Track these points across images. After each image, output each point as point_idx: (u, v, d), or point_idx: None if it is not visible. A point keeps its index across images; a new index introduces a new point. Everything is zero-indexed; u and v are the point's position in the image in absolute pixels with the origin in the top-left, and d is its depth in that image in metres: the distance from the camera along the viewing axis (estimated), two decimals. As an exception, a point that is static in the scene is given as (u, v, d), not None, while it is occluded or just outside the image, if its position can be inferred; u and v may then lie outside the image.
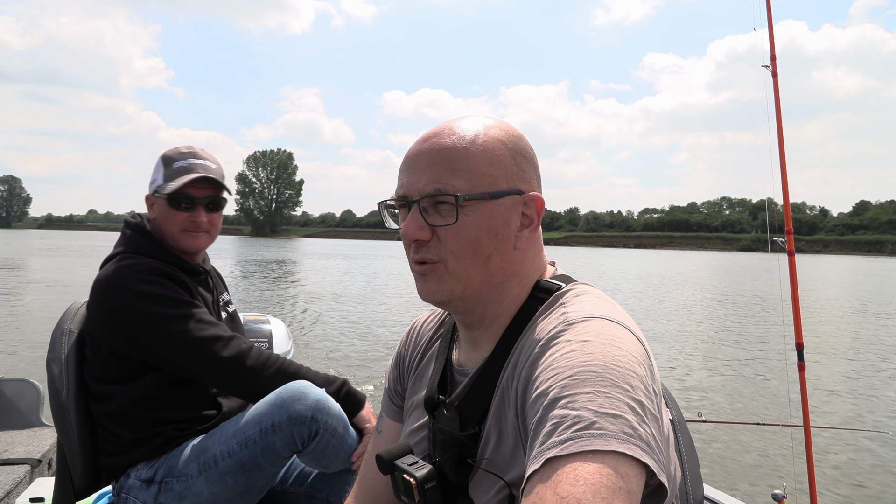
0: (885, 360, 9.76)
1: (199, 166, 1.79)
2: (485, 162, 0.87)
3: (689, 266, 44.02)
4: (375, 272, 28.07)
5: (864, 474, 4.93)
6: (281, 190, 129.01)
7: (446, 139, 0.88)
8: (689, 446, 1.22)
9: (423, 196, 0.87)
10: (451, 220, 0.86)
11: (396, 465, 0.88)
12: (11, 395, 3.21)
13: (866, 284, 28.97)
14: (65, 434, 1.67)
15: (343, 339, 10.27)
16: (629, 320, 0.81)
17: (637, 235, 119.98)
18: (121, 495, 1.67)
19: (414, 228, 0.87)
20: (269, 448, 1.59)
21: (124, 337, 1.63)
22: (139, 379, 1.67)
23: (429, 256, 0.88)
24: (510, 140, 0.91)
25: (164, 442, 1.67)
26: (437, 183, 0.86)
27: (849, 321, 14.64)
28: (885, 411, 6.85)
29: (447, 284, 0.89)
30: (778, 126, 3.32)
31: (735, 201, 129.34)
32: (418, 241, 0.88)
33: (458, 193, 0.85)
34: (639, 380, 0.70)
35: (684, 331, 12.39)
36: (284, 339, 2.97)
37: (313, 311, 13.79)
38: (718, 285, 25.48)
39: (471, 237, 0.87)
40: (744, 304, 18.11)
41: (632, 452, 0.62)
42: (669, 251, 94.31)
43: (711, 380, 8.14)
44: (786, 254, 3.28)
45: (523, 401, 0.78)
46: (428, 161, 0.87)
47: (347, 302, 15.59)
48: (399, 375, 1.13)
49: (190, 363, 1.64)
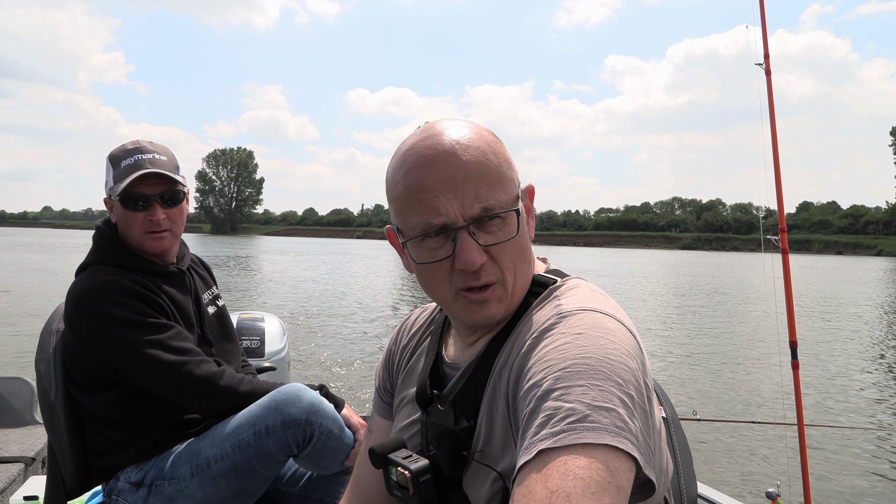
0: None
1: (147, 161, 1.68)
2: (506, 167, 0.87)
3: (615, 263, 44.15)
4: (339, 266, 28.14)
5: (857, 472, 4.96)
6: (241, 188, 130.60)
7: (463, 155, 0.83)
8: (683, 444, 1.22)
9: (470, 220, 0.82)
10: (509, 234, 0.84)
11: (390, 458, 0.88)
12: (5, 393, 3.20)
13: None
14: (54, 434, 1.66)
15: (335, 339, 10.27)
16: (622, 313, 0.82)
17: (587, 234, 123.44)
18: (111, 497, 1.66)
19: (477, 255, 0.82)
20: (262, 451, 1.58)
21: (91, 355, 1.62)
22: (112, 388, 1.65)
23: (491, 279, 0.85)
24: (498, 140, 0.91)
25: (152, 445, 1.66)
26: (481, 202, 0.82)
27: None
28: (883, 409, 6.89)
29: (504, 302, 0.87)
30: (772, 125, 3.33)
31: (686, 201, 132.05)
32: (480, 267, 0.83)
33: (506, 207, 0.84)
34: (631, 373, 0.70)
35: (676, 326, 12.43)
36: (278, 336, 2.96)
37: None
38: (705, 282, 25.59)
39: (524, 245, 0.88)
40: (736, 301, 18.18)
41: (623, 446, 0.62)
42: (615, 249, 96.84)
43: (706, 378, 8.17)
44: (780, 252, 3.29)
45: (515, 391, 0.78)
46: (458, 182, 0.82)
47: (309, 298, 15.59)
48: (389, 374, 1.13)
49: (157, 386, 1.62)
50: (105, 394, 1.64)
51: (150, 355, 1.57)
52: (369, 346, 9.64)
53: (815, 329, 12.64)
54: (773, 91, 3.34)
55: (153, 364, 1.58)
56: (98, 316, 1.57)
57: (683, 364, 9.02)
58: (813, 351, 10.05)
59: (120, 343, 1.57)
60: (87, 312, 1.58)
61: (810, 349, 10.13)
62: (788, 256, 3.32)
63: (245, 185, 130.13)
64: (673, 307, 16.55)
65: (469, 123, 0.90)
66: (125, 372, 1.61)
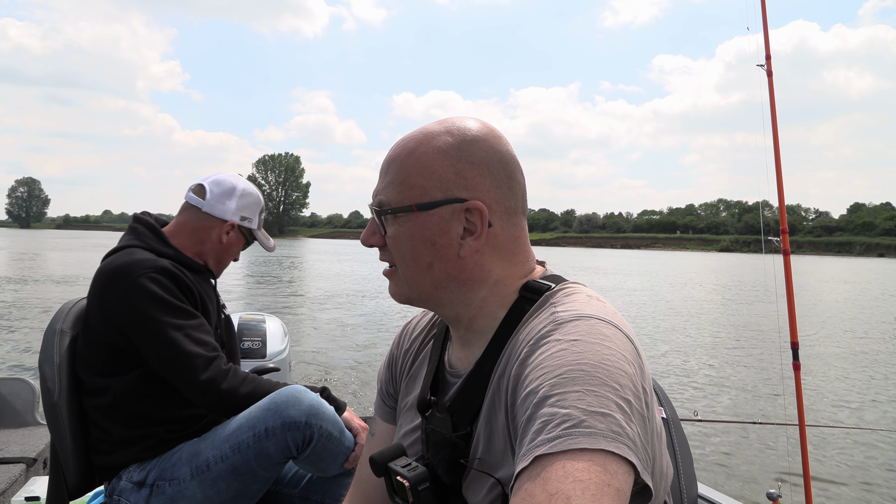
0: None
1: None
2: (416, 173, 0.89)
3: (650, 265, 44.08)
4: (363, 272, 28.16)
5: (859, 473, 4.95)
6: (288, 192, 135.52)
7: (393, 151, 0.92)
8: (684, 445, 1.22)
9: (373, 207, 0.93)
10: (390, 232, 0.91)
11: (390, 467, 0.88)
12: (7, 393, 3.21)
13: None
14: (57, 433, 1.67)
15: (340, 338, 10.28)
16: (619, 318, 0.81)
17: (624, 237, 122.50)
18: (113, 497, 1.66)
19: (367, 235, 0.94)
20: (262, 453, 1.58)
21: (115, 326, 1.64)
22: (132, 372, 1.67)
23: (387, 259, 0.95)
24: (455, 147, 0.89)
25: (156, 444, 1.67)
26: (381, 195, 0.92)
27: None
28: (882, 410, 6.88)
29: (401, 288, 0.94)
30: (773, 126, 3.33)
31: (732, 203, 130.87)
32: (374, 245, 0.94)
33: (391, 206, 0.90)
34: (628, 378, 0.70)
35: (678, 329, 12.42)
36: (280, 338, 2.97)
37: (308, 308, 13.79)
38: (710, 283, 25.56)
39: (407, 247, 0.90)
40: (739, 302, 18.16)
41: (619, 451, 0.62)
42: (651, 251, 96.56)
43: (707, 378, 8.17)
44: (781, 254, 3.30)
45: (513, 399, 0.78)
46: (382, 172, 0.93)
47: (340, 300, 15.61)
48: (391, 377, 1.13)
49: (171, 370, 1.63)
50: (127, 376, 1.66)
51: (174, 338, 1.61)
52: (378, 348, 9.65)
53: (816, 331, 12.63)
54: (774, 92, 3.34)
55: (174, 348, 1.61)
56: (137, 288, 1.63)
57: (683, 364, 9.01)
58: (822, 352, 10.04)
59: (149, 319, 1.61)
60: (126, 283, 1.63)
61: (811, 351, 10.13)
62: (790, 258, 3.33)
63: (292, 189, 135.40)
64: (673, 308, 16.54)
65: (449, 123, 0.92)
66: (144, 348, 1.63)
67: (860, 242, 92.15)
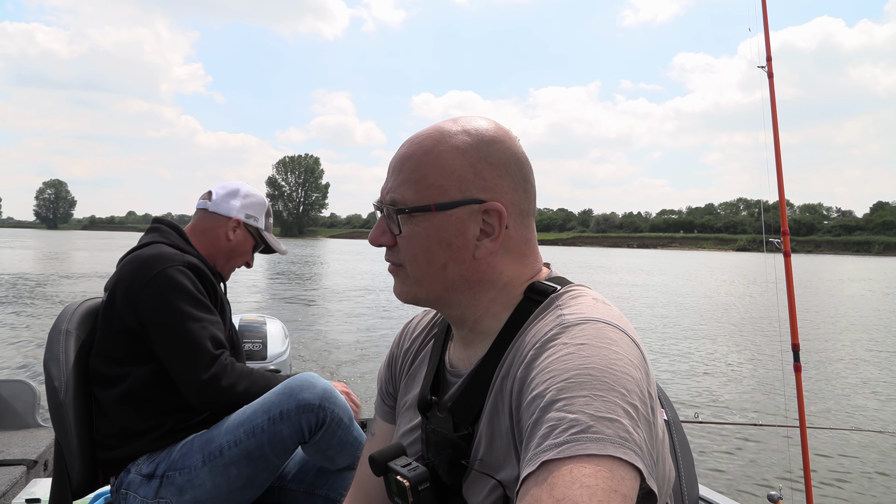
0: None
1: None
2: (435, 172, 0.87)
3: (662, 265, 44.11)
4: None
5: (860, 475, 4.94)
6: (308, 193, 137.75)
7: (408, 148, 0.90)
8: (685, 447, 1.22)
9: (384, 205, 0.91)
10: (404, 231, 0.89)
11: (390, 466, 0.88)
12: (7, 396, 3.21)
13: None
14: (63, 433, 1.67)
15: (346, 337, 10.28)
16: (625, 322, 0.81)
17: (640, 236, 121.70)
18: (120, 491, 1.67)
19: (376, 234, 0.93)
20: (276, 437, 1.62)
21: (135, 311, 1.67)
22: (152, 361, 1.70)
23: (393, 259, 0.93)
24: (474, 147, 0.88)
25: (165, 434, 1.68)
26: (394, 193, 0.89)
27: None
28: (883, 412, 6.88)
29: (409, 287, 0.92)
30: (774, 126, 3.33)
31: (752, 202, 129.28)
32: (384, 245, 0.93)
33: (407, 205, 0.88)
34: (634, 383, 0.70)
35: (678, 329, 12.41)
36: (280, 339, 2.97)
37: (316, 308, 13.79)
38: (707, 285, 25.56)
39: (421, 247, 0.88)
40: (740, 304, 18.15)
41: (627, 457, 0.62)
42: (667, 251, 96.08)
43: (708, 381, 8.16)
44: (781, 254, 3.30)
45: (518, 402, 0.78)
46: (393, 169, 0.91)
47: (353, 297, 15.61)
48: (391, 376, 1.12)
49: (179, 363, 1.65)
50: (147, 365, 1.69)
51: (190, 330, 1.65)
52: (379, 348, 9.64)
53: (817, 332, 12.62)
54: (774, 93, 3.34)
55: (189, 342, 1.65)
56: (164, 277, 1.69)
57: (683, 366, 9.01)
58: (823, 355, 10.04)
59: (170, 308, 1.66)
60: (155, 272, 1.70)
61: (814, 351, 10.12)
62: (791, 259, 3.34)
63: (312, 190, 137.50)
64: (671, 308, 16.54)
65: (465, 122, 0.91)
66: (157, 336, 1.67)
67: (879, 242, 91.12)
